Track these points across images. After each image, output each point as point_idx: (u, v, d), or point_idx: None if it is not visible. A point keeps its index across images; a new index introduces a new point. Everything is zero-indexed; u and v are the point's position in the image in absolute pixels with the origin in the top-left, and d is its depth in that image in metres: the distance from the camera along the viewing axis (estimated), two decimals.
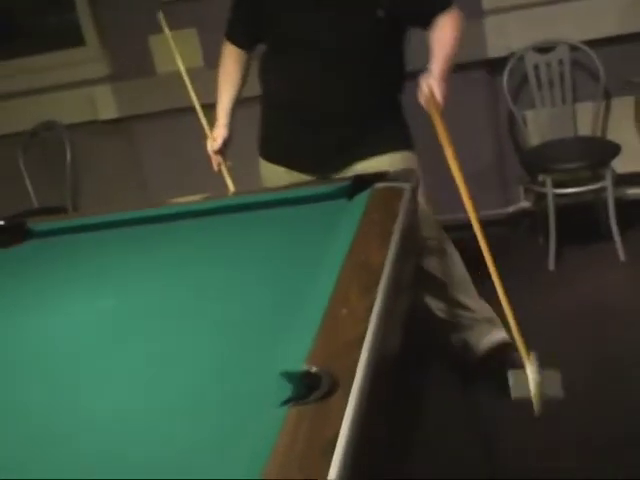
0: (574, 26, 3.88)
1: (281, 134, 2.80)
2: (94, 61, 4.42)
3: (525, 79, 4.02)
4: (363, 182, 2.29)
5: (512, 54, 3.97)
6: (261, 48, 2.76)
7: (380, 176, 2.29)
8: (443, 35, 2.56)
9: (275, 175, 2.80)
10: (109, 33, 4.32)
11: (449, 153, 2.13)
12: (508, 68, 3.95)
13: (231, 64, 2.82)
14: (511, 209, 4.27)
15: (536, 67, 3.96)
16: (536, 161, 3.83)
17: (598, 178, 3.71)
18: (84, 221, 2.55)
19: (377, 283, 1.57)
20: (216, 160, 2.82)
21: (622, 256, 3.64)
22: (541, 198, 3.85)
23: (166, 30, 2.88)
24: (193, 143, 3.11)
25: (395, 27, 2.65)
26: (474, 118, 4.09)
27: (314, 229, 2.11)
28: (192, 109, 2.88)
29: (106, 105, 4.40)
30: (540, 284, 3.55)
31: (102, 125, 4.49)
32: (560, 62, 3.93)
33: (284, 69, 2.68)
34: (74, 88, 4.42)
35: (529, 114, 4.05)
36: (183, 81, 2.87)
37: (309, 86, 2.64)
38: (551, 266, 3.66)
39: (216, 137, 2.80)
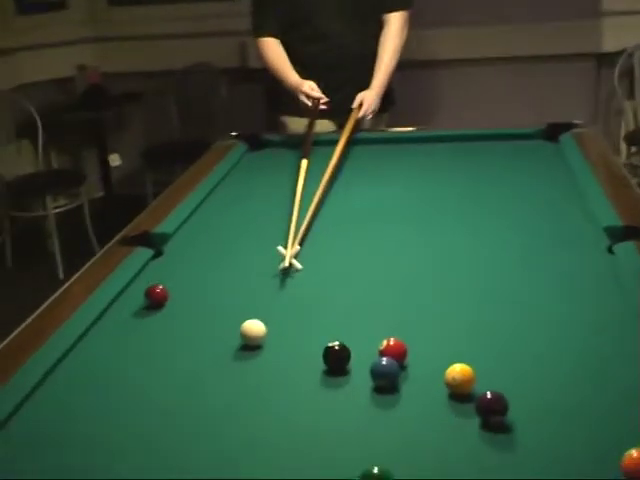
0: None
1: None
2: None
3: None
4: (557, 128, 2.93)
5: (623, 51, 4.64)
6: None
7: (571, 124, 2.94)
8: (391, 44, 3.19)
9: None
10: None
11: (342, 142, 2.71)
12: (620, 62, 4.62)
13: (278, 48, 3.21)
14: None
15: None
16: None
17: None
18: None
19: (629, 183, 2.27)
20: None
21: None
22: None
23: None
24: None
25: None
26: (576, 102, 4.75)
27: (540, 160, 2.74)
28: None
29: None
30: None
31: None
32: None
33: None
34: None
35: (627, 104, 4.73)
36: None
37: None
38: None
39: (313, 87, 3.05)
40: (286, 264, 1.89)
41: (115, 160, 4.80)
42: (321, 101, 3.03)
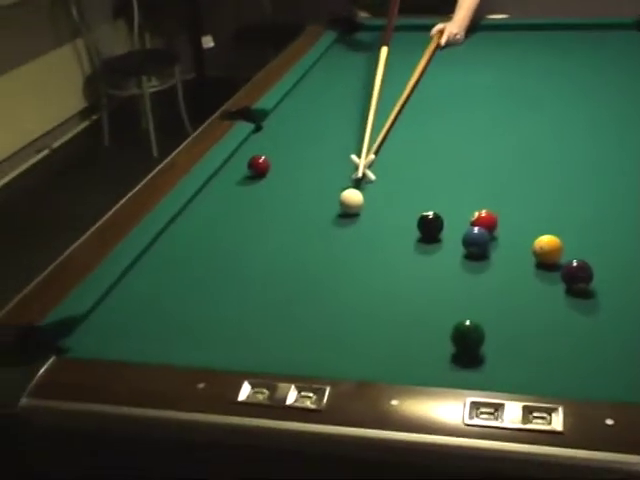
0: None
1: None
2: None
3: None
4: None
5: None
6: None
7: None
8: None
9: None
10: None
11: (423, 62, 2.64)
12: None
13: None
14: None
15: None
16: None
17: None
18: None
19: None
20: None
21: None
22: None
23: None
24: None
25: None
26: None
27: (631, 51, 2.73)
28: None
29: None
30: None
31: None
32: None
33: None
34: None
35: None
36: None
37: None
38: None
39: None
40: (359, 175, 1.84)
41: (208, 42, 4.88)
42: None
